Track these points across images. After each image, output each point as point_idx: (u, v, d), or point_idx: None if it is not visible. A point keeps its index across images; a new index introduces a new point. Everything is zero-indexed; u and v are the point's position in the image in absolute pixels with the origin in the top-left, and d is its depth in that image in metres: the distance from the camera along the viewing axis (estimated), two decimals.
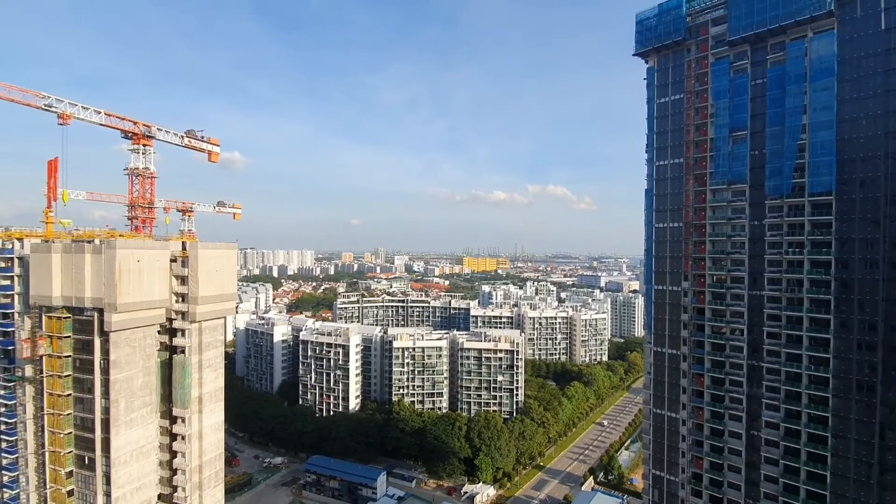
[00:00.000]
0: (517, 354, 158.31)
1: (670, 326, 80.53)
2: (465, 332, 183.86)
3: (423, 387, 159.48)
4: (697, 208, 77.65)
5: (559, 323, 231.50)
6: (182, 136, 77.61)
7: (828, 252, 64.93)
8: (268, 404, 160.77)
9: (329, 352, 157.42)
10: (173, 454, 70.01)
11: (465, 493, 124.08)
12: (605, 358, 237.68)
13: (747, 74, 72.41)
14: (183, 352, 69.05)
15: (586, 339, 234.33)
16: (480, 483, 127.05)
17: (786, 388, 68.68)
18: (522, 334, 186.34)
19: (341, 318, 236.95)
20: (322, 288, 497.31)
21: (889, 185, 60.47)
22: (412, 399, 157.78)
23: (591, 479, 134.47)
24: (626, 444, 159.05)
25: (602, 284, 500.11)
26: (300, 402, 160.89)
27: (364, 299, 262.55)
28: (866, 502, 61.86)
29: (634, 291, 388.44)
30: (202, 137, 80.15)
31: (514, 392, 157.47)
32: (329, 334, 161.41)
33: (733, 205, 74.34)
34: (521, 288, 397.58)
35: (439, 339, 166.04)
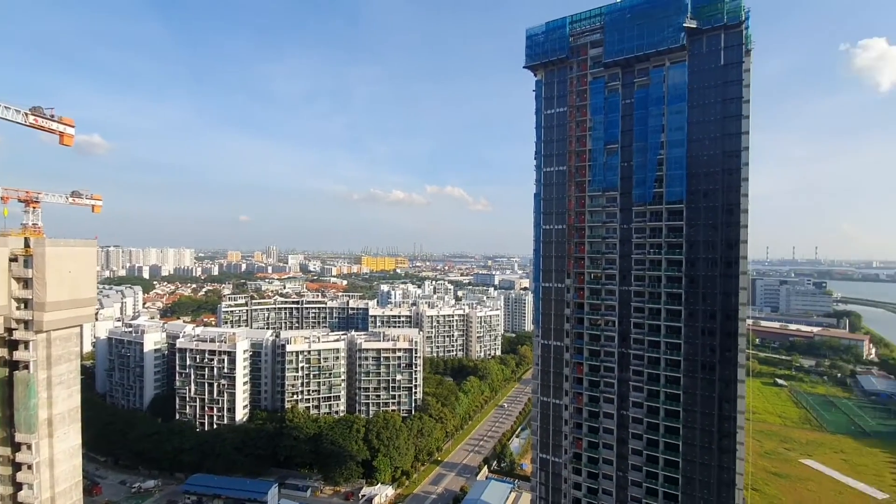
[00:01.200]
0: (416, 353, 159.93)
1: (555, 320, 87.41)
2: (363, 333, 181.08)
3: (320, 391, 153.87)
4: (578, 212, 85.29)
5: (456, 320, 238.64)
6: (26, 114, 65.48)
7: (680, 252, 75.52)
8: (137, 422, 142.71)
9: (212, 360, 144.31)
10: (18, 487, 59.17)
11: (363, 496, 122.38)
12: (498, 352, 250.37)
13: (619, 94, 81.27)
14: (27, 367, 58.57)
15: (482, 335, 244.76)
16: (379, 484, 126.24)
17: (648, 372, 78.49)
18: (421, 332, 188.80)
19: (227, 323, 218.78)
20: (204, 290, 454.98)
21: (725, 196, 72.11)
22: (307, 405, 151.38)
23: (485, 468, 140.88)
24: (517, 432, 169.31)
25: (496, 283, 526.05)
26: (177, 418, 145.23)
27: (254, 302, 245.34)
28: (709, 464, 73.10)
29: (525, 289, 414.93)
30: (52, 116, 68.43)
31: (413, 390, 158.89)
32: (212, 340, 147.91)
33: (607, 210, 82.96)
34: (419, 287, 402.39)
35: (337, 340, 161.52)
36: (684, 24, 72.19)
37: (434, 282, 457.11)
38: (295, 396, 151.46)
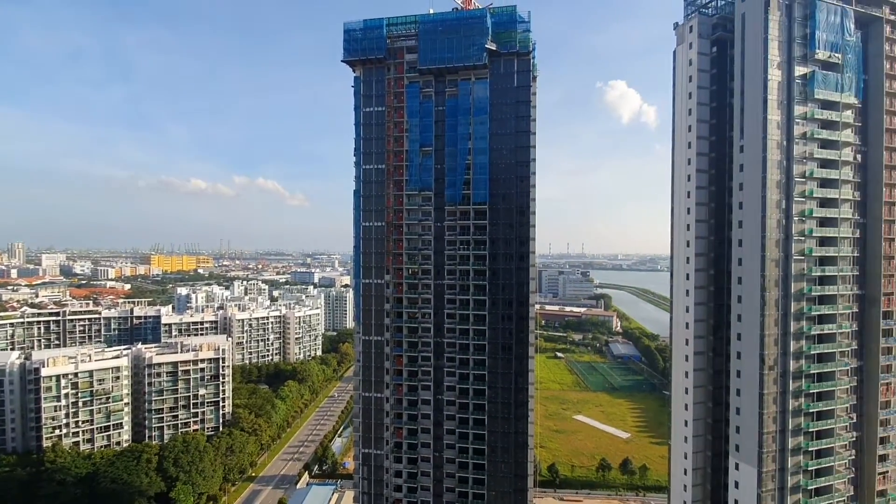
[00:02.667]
0: (223, 362, 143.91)
1: (376, 316, 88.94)
2: (154, 345, 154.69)
3: (94, 420, 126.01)
4: (397, 210, 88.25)
5: (272, 322, 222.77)
6: None
7: (484, 248, 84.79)
8: None
9: None
10: None
11: None
12: (319, 352, 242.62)
13: (433, 100, 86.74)
14: None
15: (300, 336, 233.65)
16: None
17: (459, 357, 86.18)
18: (230, 339, 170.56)
19: None
20: None
21: (518, 199, 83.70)
22: (77, 439, 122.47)
23: (306, 475, 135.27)
24: (339, 432, 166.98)
25: (316, 280, 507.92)
26: None
27: None
28: (508, 431, 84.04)
29: (346, 286, 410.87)
30: None
31: (221, 404, 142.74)
32: None
33: (423, 209, 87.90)
34: (227, 288, 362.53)
35: (116, 357, 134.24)
36: (486, 46, 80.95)
37: (245, 282, 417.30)
38: (58, 431, 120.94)
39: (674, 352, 77.50)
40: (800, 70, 64.68)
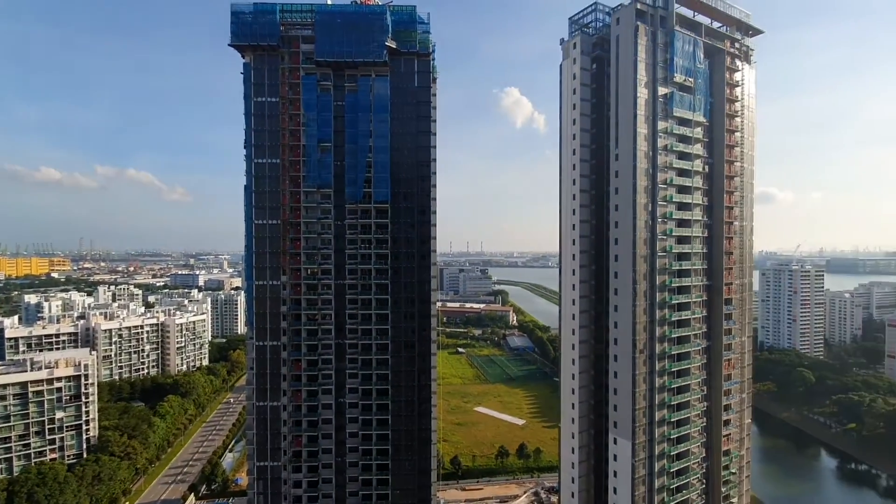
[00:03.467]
0: (86, 379, 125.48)
1: (271, 320, 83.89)
2: None
3: None
4: (293, 207, 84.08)
5: (147, 331, 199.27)
6: None
7: (386, 247, 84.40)
8: None
9: None
10: None
11: None
12: (205, 362, 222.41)
13: (331, 95, 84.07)
14: None
15: (183, 344, 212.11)
16: None
17: (362, 358, 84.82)
18: (94, 352, 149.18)
19: None
20: None
21: (419, 198, 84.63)
22: None
23: (192, 497, 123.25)
24: (230, 447, 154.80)
25: (201, 283, 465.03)
26: None
27: None
28: (412, 429, 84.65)
29: (237, 288, 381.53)
30: None
31: (84, 427, 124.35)
32: None
33: (322, 206, 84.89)
34: (90, 294, 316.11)
35: None
36: (386, 43, 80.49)
37: (113, 287, 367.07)
38: None
39: (562, 341, 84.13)
40: (662, 90, 73.98)
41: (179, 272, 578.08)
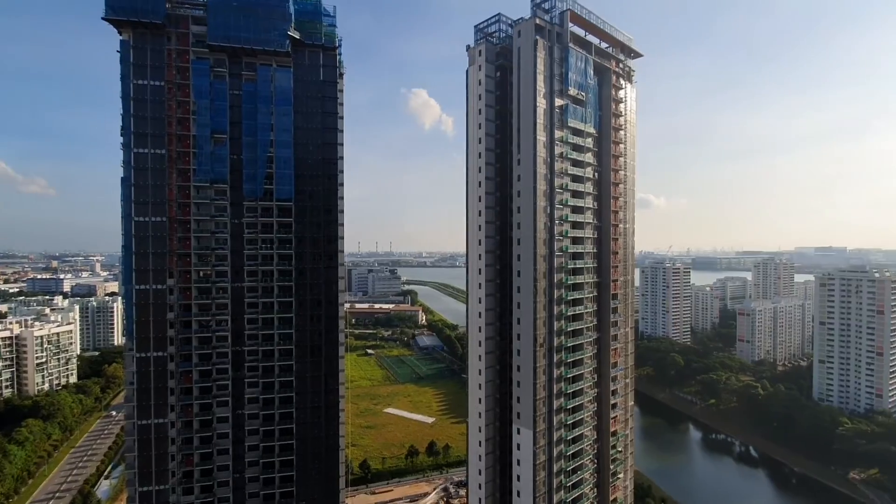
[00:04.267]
0: None
1: (155, 328, 75.50)
2: None
3: None
4: (182, 203, 76.48)
5: None
6: None
7: (290, 247, 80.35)
8: None
9: None
10: None
11: None
12: (73, 379, 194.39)
13: (226, 82, 77.95)
14: None
15: (44, 360, 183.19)
16: None
17: (263, 365, 79.83)
18: None
19: None
20: None
21: (326, 197, 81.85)
22: None
23: None
24: (106, 473, 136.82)
25: (67, 289, 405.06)
26: None
27: None
28: (319, 436, 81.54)
29: (113, 294, 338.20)
30: None
31: None
32: None
33: (216, 203, 78.32)
34: None
35: None
36: (289, 33, 76.64)
37: None
38: None
39: (470, 339, 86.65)
40: (559, 101, 79.46)
41: (39, 276, 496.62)
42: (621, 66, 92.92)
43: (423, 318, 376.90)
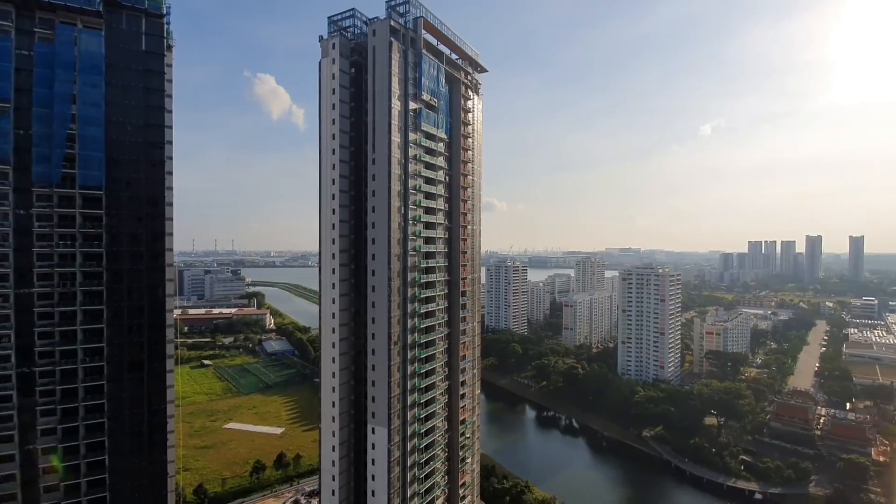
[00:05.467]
0: None
1: None
2: None
3: None
4: None
5: None
6: None
7: (100, 245, 67.43)
8: None
9: None
10: None
11: None
12: None
13: (12, 40, 62.22)
14: None
15: None
16: None
17: (61, 388, 65.61)
18: None
19: None
20: None
21: (150, 187, 70.79)
22: None
23: None
24: None
25: None
26: None
27: None
28: (141, 465, 70.01)
29: None
30: None
31: None
32: None
33: None
34: None
35: None
36: None
37: None
38: None
39: (323, 341, 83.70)
40: (413, 105, 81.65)
41: None
42: (470, 77, 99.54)
43: (272, 321, 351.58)
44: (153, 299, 71.26)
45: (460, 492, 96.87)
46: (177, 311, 78.88)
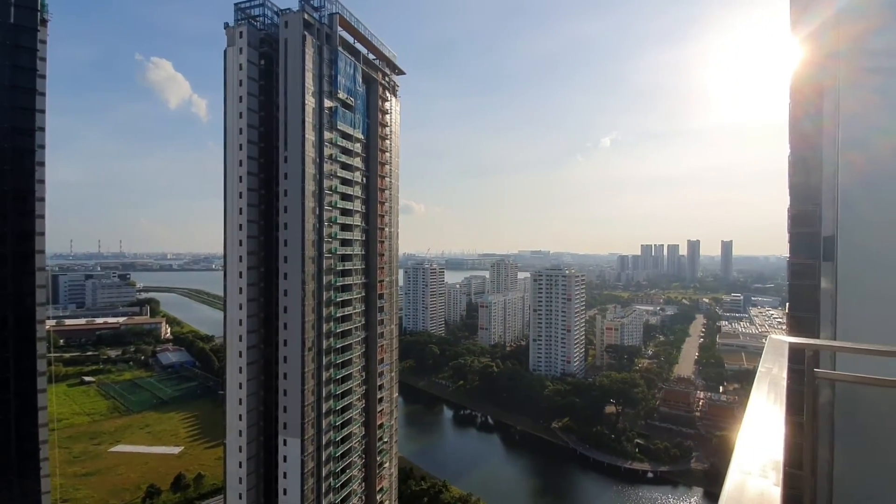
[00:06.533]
0: None
1: None
2: None
3: None
4: None
5: None
6: None
7: None
8: None
9: None
10: None
11: None
12: None
13: None
14: None
15: None
16: None
17: None
18: None
19: None
20: None
21: (16, 180, 61.33)
22: None
23: None
24: None
25: None
26: None
27: None
28: (11, 499, 60.26)
29: None
30: None
31: None
32: None
33: None
34: None
35: None
36: None
37: None
38: None
39: (228, 350, 78.20)
40: (328, 103, 79.46)
41: None
42: (387, 79, 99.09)
43: (168, 331, 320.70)
44: (20, 309, 61.68)
45: (378, 497, 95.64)
46: (50, 322, 68.85)
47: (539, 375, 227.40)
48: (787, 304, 23.78)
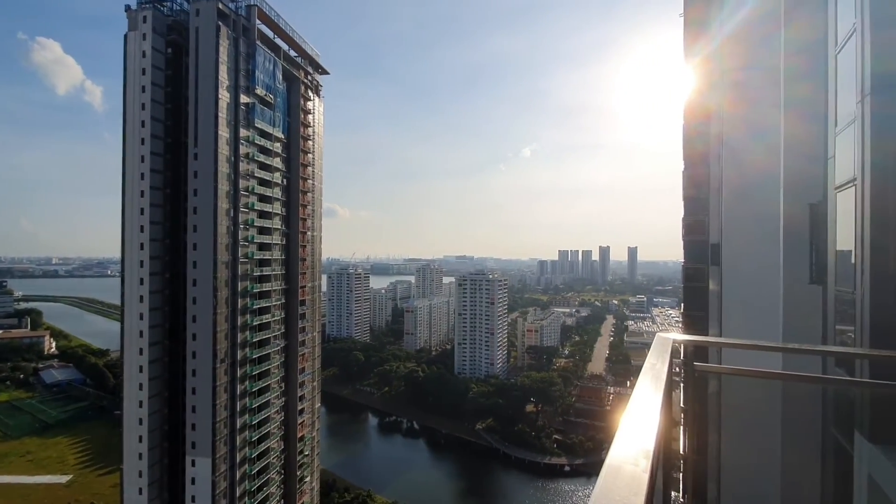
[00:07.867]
0: None
1: None
2: None
3: None
4: None
5: None
6: None
7: None
8: None
9: None
10: None
11: None
12: None
13: None
14: None
15: None
16: None
17: None
18: None
19: None
20: None
21: None
22: None
23: None
24: None
25: None
26: None
27: None
28: None
29: None
30: None
31: None
32: None
33: None
34: None
35: None
36: None
37: None
38: None
39: (126, 364, 70.72)
40: (244, 98, 75.19)
41: None
42: (310, 78, 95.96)
43: (53, 345, 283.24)
44: None
45: None
46: None
47: (464, 378, 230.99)
48: (683, 304, 26.44)
